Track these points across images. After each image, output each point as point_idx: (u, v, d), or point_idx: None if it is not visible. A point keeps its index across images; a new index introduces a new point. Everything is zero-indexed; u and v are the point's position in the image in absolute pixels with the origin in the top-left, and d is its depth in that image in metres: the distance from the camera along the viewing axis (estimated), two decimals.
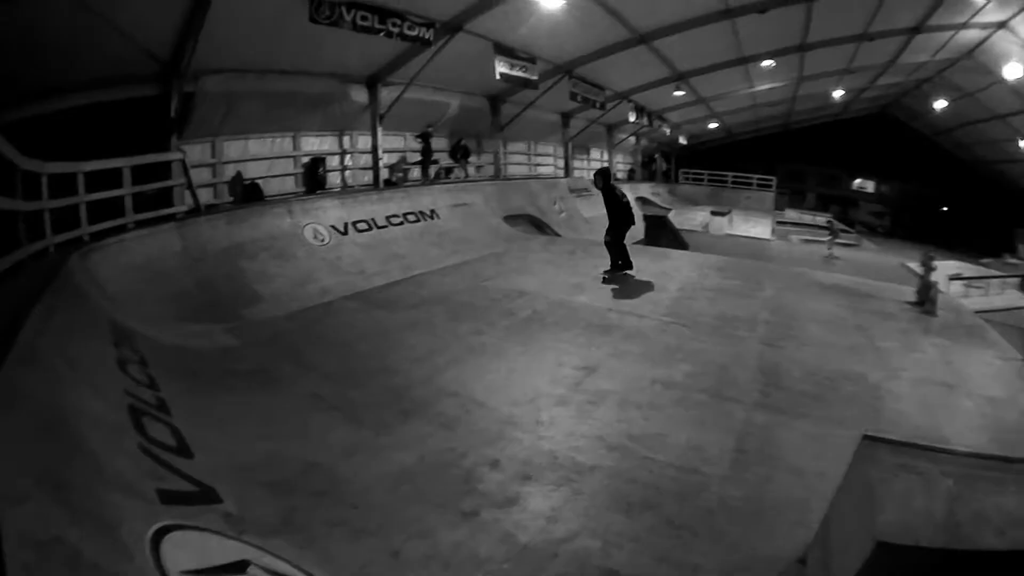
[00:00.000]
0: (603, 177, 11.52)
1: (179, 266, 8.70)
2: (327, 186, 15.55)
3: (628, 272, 11.32)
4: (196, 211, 10.44)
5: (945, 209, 42.30)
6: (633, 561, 3.49)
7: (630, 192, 27.51)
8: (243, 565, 2.74)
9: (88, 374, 3.94)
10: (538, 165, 26.96)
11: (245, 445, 4.43)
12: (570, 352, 7.07)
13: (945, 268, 16.13)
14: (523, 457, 4.67)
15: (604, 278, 10.96)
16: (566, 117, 26.21)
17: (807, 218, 34.89)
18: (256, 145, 14.56)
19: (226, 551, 2.81)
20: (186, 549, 2.64)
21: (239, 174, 12.88)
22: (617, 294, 9.85)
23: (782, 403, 5.85)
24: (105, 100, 10.55)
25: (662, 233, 22.66)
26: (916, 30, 20.48)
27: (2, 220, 6.28)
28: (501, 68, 16.70)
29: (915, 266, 12.71)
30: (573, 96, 21.11)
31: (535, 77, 18.05)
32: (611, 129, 31.19)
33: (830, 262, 22.44)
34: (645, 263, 11.87)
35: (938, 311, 9.63)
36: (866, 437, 2.95)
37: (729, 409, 5.69)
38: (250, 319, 8.11)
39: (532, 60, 17.62)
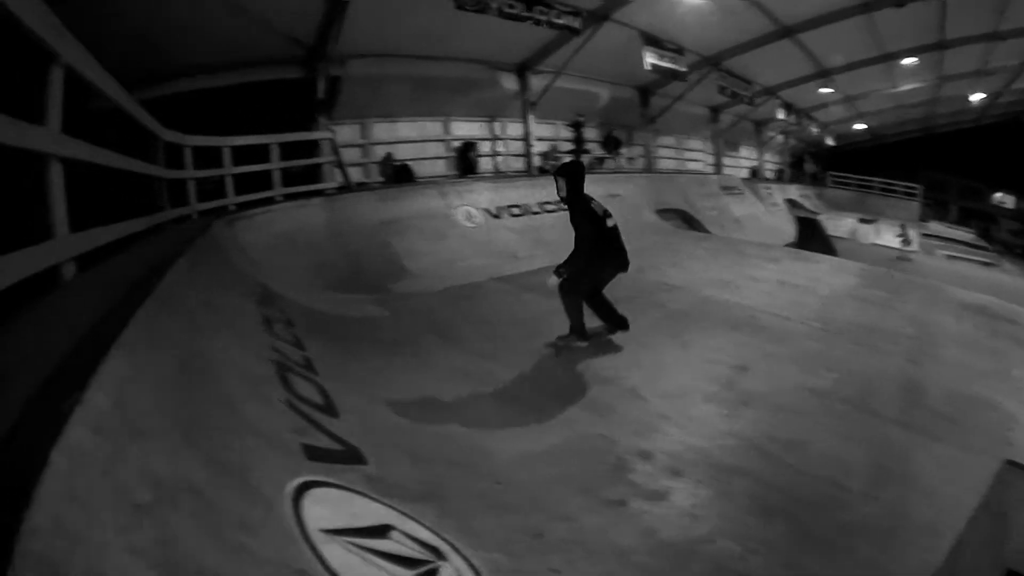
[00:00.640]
0: (569, 177, 6.41)
1: (327, 238, 8.90)
2: (478, 171, 15.62)
3: (581, 343, 6.47)
4: (346, 188, 10.66)
5: None
6: (768, 569, 3.26)
7: (779, 193, 26.57)
8: (386, 529, 2.54)
9: (232, 325, 3.89)
10: (687, 160, 26.21)
11: (391, 411, 4.30)
12: (719, 349, 6.69)
13: None
14: (673, 451, 4.39)
15: (558, 346, 6.41)
16: (715, 112, 25.36)
17: (951, 232, 32.00)
18: (406, 128, 14.87)
19: (369, 513, 2.62)
20: (328, 507, 2.46)
21: (389, 155, 13.12)
22: (767, 295, 9.23)
23: (920, 422, 5.31)
24: (254, 80, 10.96)
25: (813, 237, 21.54)
26: None
27: (146, 187, 6.58)
28: (650, 58, 16.38)
29: None
30: (722, 90, 20.45)
31: (684, 68, 17.60)
32: (759, 126, 29.86)
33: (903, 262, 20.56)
34: (794, 265, 11.09)
35: None
36: (1008, 463, 2.80)
37: (870, 423, 5.24)
38: (398, 292, 8.14)
39: (680, 51, 17.21)
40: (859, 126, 34.30)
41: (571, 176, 6.43)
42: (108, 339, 2.10)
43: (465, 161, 15.02)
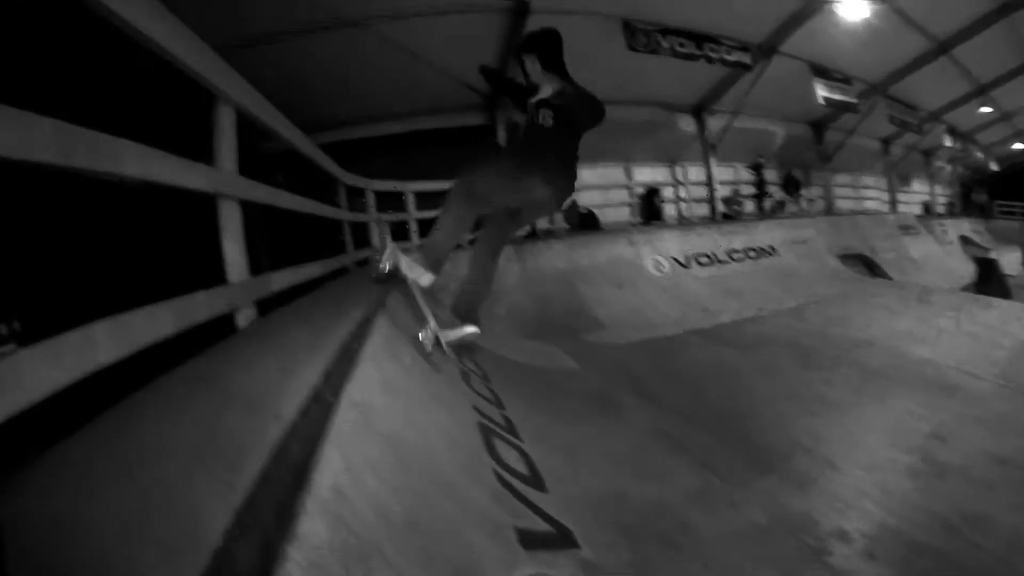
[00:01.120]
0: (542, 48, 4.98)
1: (516, 284, 9.00)
2: (663, 217, 15.45)
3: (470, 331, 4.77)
4: (532, 235, 10.76)
5: None
6: None
7: (952, 229, 24.35)
8: None
9: (433, 386, 3.81)
10: (863, 198, 24.93)
11: (593, 479, 4.02)
12: (914, 413, 6.13)
13: None
14: (871, 532, 4.01)
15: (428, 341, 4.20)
16: (885, 144, 24.37)
17: None
18: (589, 174, 14.94)
19: None
20: None
21: (575, 202, 13.13)
22: (953, 349, 8.42)
23: None
24: (436, 127, 11.39)
25: (991, 278, 19.46)
26: None
27: (330, 229, 6.82)
28: (822, 91, 16.27)
29: None
30: (891, 119, 19.73)
31: (855, 100, 17.32)
32: (928, 156, 28.09)
33: None
34: (978, 313, 10.07)
35: None
36: None
37: None
38: (590, 343, 8.02)
39: (847, 80, 16.85)
40: (1020, 145, 30.76)
41: (542, 43, 4.87)
42: (318, 428, 1.92)
43: (650, 207, 14.91)
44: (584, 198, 14.00)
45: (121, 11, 2.53)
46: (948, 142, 25.05)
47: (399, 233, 9.02)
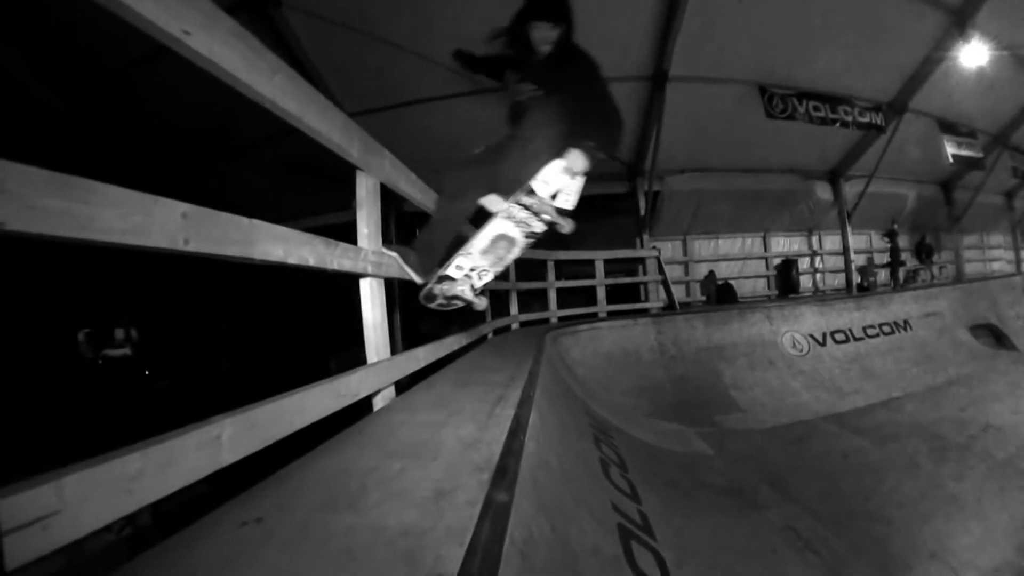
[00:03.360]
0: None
1: (652, 361, 8.80)
2: (799, 290, 14.97)
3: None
4: (671, 307, 10.61)
5: None
6: None
7: None
8: None
9: (581, 485, 3.71)
10: (990, 260, 23.30)
11: None
12: None
13: None
14: None
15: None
16: (1009, 197, 22.36)
17: None
18: (726, 244, 14.82)
19: None
20: None
21: (712, 273, 13.00)
22: None
23: None
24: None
25: None
26: None
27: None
28: (950, 148, 15.51)
29: None
30: (1015, 171, 18.48)
31: (980, 155, 16.38)
32: None
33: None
34: None
35: None
36: None
37: None
38: (725, 427, 7.74)
39: (973, 135, 16.00)
40: None
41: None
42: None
43: (787, 280, 14.41)
44: (721, 268, 13.79)
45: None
46: None
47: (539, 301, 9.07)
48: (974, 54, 12.98)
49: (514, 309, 8.77)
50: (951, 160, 15.47)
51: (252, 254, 2.28)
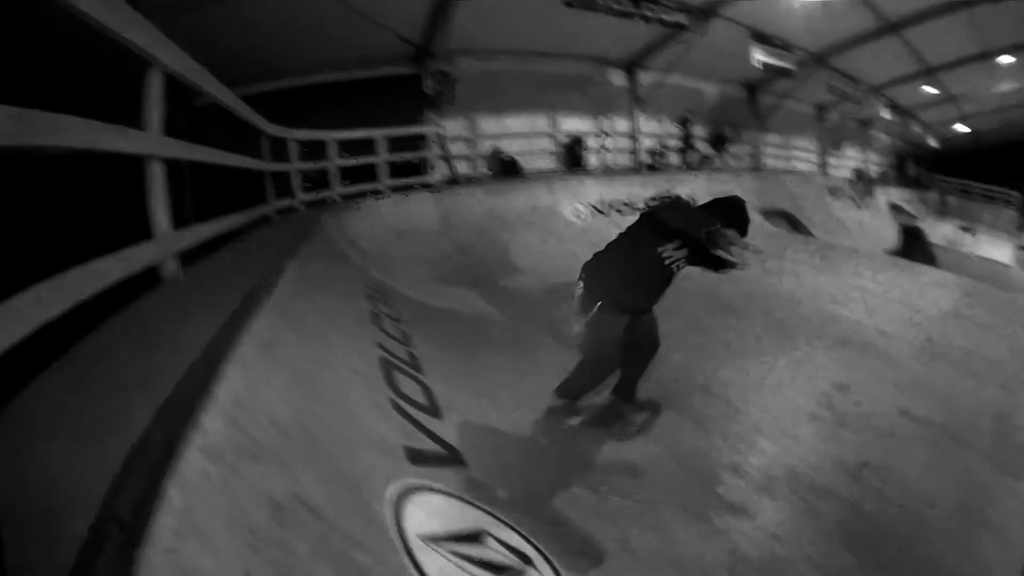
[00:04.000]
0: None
1: (435, 231, 9.03)
2: (586, 166, 15.55)
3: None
4: (454, 181, 10.82)
5: None
6: None
7: (882, 195, 25.56)
8: (480, 535, 2.60)
9: (343, 326, 4.01)
10: (793, 159, 25.29)
11: (492, 411, 4.35)
12: (823, 366, 6.51)
13: None
14: (764, 468, 4.42)
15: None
16: (821, 110, 24.57)
17: None
18: (515, 122, 14.88)
19: (464, 518, 2.68)
20: (427, 512, 2.52)
21: (497, 149, 13.16)
22: (871, 309, 8.78)
23: (1012, 460, 5.06)
24: (365, 77, 11.31)
25: (915, 246, 20.31)
26: None
27: (250, 181, 6.86)
28: (759, 56, 16.18)
29: None
30: (830, 88, 20.05)
31: (791, 66, 17.28)
32: (864, 126, 28.50)
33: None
34: (899, 277, 10.35)
35: None
36: None
37: (961, 456, 5.02)
38: (505, 287, 8.14)
39: (788, 48, 16.90)
40: (962, 128, 31.79)
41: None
42: (220, 356, 2.23)
43: (572, 156, 14.94)
44: (508, 146, 13.99)
45: None
46: (887, 115, 25.47)
47: (320, 181, 8.94)
48: None
49: (298, 191, 8.66)
50: (759, 65, 16.28)
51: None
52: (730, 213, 4.20)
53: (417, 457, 2.92)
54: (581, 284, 4.47)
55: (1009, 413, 5.95)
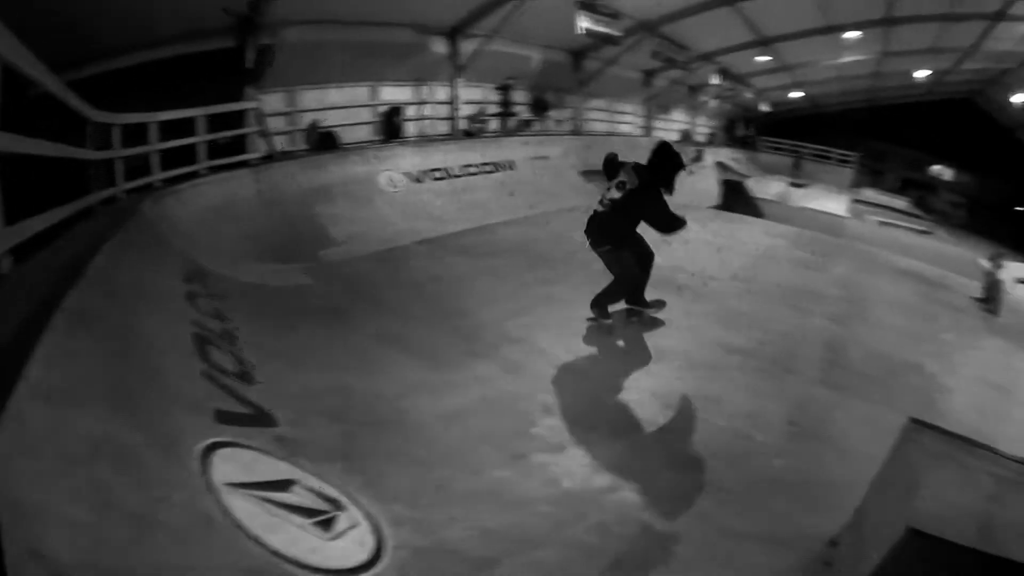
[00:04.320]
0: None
1: (255, 209, 9.00)
2: (404, 135, 15.58)
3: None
4: (271, 158, 10.70)
5: (1020, 209, 39.02)
6: (673, 518, 3.52)
7: (710, 155, 27.46)
8: (288, 484, 2.90)
9: (157, 303, 4.21)
10: (618, 123, 26.33)
11: (309, 376, 4.60)
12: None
13: (1015, 270, 15.19)
14: (578, 407, 4.73)
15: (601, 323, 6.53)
16: (648, 76, 25.44)
17: (884, 199, 32.97)
18: (335, 95, 14.70)
19: (273, 469, 2.99)
20: (234, 464, 2.84)
21: (314, 122, 13.06)
22: (688, 256, 9.47)
23: (842, 381, 5.80)
24: (185, 53, 10.88)
25: (738, 199, 21.96)
26: (999, 16, 18.81)
27: (75, 169, 6.65)
28: (584, 23, 16.21)
29: (984, 262, 12.03)
30: (656, 55, 20.75)
31: (618, 33, 17.48)
32: (693, 91, 29.84)
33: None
34: (724, 227, 11.47)
35: (1002, 312, 9.51)
36: (913, 421, 2.85)
37: (789, 381, 5.68)
38: (325, 260, 8.34)
39: (615, 15, 17.05)
40: (796, 94, 34.88)
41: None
42: (42, 325, 2.47)
43: (390, 126, 14.94)
44: (328, 118, 13.79)
45: None
46: (715, 80, 26.68)
47: (142, 169, 8.55)
48: None
49: (120, 179, 8.24)
50: (583, 32, 16.48)
51: None
52: (668, 159, 6.33)
53: (225, 418, 3.25)
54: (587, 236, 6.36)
55: (842, 342, 6.83)
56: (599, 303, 6.38)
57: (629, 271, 6.31)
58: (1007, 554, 2.14)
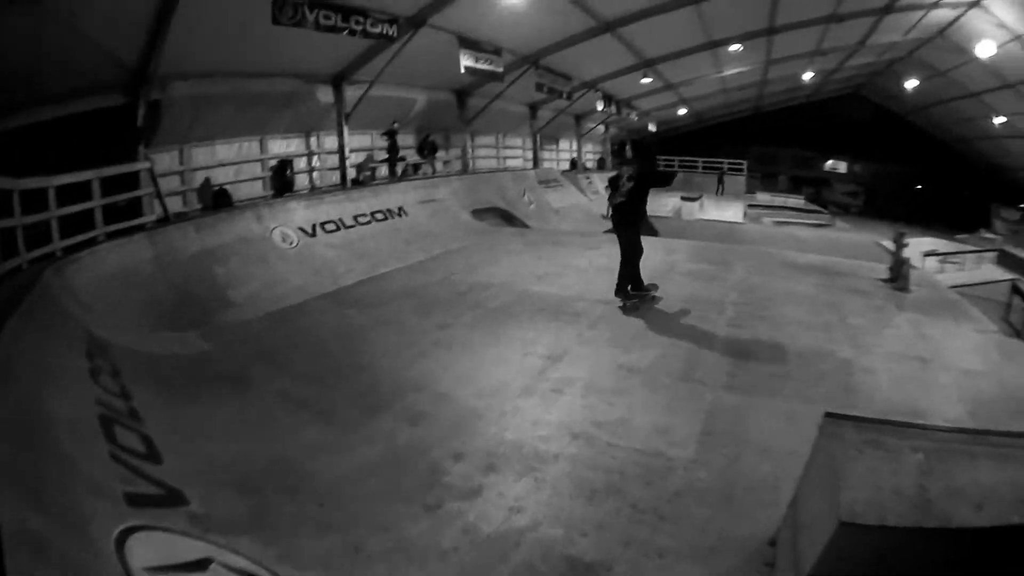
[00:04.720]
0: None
1: (152, 274, 8.80)
2: (295, 188, 15.50)
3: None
4: (165, 220, 10.52)
5: (920, 187, 42.38)
6: (598, 547, 3.57)
7: (599, 181, 28.28)
8: (205, 563, 2.92)
9: (61, 384, 4.17)
10: (507, 158, 26.98)
11: (215, 447, 4.59)
12: (536, 342, 7.21)
13: (919, 245, 16.06)
14: (487, 448, 4.77)
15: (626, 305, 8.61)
16: (533, 108, 26.29)
17: (779, 200, 35.13)
18: (224, 150, 14.47)
19: (189, 549, 3.02)
20: (150, 548, 2.86)
21: (207, 180, 12.89)
22: (585, 283, 9.92)
23: (751, 383, 5.98)
24: (74, 112, 10.58)
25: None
26: (887, 10, 20.47)
27: None
28: (466, 62, 16.66)
29: (887, 243, 12.82)
30: (539, 87, 21.18)
31: (501, 69, 17.99)
32: (579, 119, 31.24)
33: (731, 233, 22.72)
34: (615, 250, 11.87)
35: (912, 287, 9.94)
36: (828, 415, 2.94)
37: (696, 392, 5.80)
38: (223, 323, 8.23)
39: (497, 52, 17.57)
40: (682, 111, 36.43)
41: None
42: None
43: (281, 180, 14.84)
44: (218, 175, 13.57)
45: None
46: (600, 107, 27.35)
47: (44, 237, 8.22)
48: None
49: (22, 248, 7.94)
50: (464, 71, 16.65)
51: None
52: (645, 149, 9.14)
53: (137, 500, 3.27)
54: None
55: (743, 345, 7.11)
56: (621, 289, 8.68)
57: (636, 246, 8.66)
58: (946, 523, 2.21)
